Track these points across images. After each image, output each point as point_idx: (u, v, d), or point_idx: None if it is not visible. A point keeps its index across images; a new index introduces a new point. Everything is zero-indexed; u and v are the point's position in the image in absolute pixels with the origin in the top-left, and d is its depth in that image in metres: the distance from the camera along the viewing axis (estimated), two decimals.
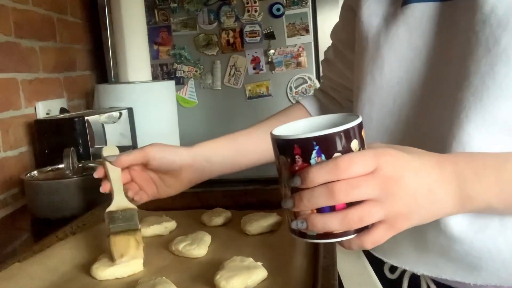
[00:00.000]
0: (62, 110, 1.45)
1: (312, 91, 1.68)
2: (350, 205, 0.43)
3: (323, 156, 0.43)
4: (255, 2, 1.68)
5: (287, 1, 1.67)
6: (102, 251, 0.69)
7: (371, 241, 0.44)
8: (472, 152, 0.54)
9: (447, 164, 0.48)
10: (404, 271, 0.70)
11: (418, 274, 0.66)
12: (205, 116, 1.76)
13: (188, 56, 1.75)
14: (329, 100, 0.87)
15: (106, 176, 0.68)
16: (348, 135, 0.43)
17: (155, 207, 0.89)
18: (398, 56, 0.64)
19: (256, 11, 1.69)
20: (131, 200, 0.69)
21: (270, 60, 1.71)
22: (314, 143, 0.43)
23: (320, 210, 0.44)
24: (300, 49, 1.70)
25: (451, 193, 0.47)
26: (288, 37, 1.70)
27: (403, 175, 0.44)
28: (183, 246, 0.68)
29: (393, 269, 0.72)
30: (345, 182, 0.42)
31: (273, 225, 0.75)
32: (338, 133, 0.43)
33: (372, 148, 0.45)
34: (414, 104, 0.63)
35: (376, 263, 0.73)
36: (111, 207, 0.66)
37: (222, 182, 1.10)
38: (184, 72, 1.76)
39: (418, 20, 0.62)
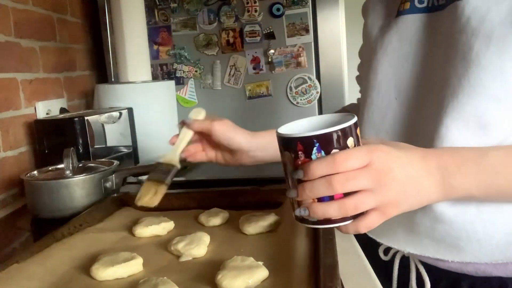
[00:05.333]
0: (62, 110, 1.45)
1: (313, 91, 1.70)
2: (346, 195, 0.49)
3: (322, 152, 0.48)
4: (255, 2, 1.68)
5: (287, 1, 1.67)
6: (100, 251, 0.69)
7: (365, 225, 0.51)
8: (454, 147, 0.61)
9: (432, 157, 0.54)
10: (395, 253, 0.78)
11: (405, 252, 0.74)
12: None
13: (188, 56, 1.75)
14: None
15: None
16: (344, 133, 0.49)
17: (151, 208, 0.88)
18: (389, 61, 0.73)
19: (256, 11, 1.69)
20: (183, 160, 0.77)
21: (270, 60, 1.71)
22: (315, 140, 0.48)
23: (320, 199, 0.49)
24: (300, 49, 1.70)
25: (435, 183, 0.53)
26: (288, 37, 1.70)
27: (393, 168, 0.50)
28: (182, 246, 0.67)
29: (386, 251, 0.80)
30: (342, 175, 0.48)
31: (271, 225, 0.74)
32: (335, 131, 0.48)
33: (366, 144, 0.51)
34: (400, 103, 0.72)
35: (371, 246, 0.80)
36: (161, 159, 0.75)
37: (218, 182, 1.10)
38: (184, 72, 1.76)
39: (408, 30, 0.71)
